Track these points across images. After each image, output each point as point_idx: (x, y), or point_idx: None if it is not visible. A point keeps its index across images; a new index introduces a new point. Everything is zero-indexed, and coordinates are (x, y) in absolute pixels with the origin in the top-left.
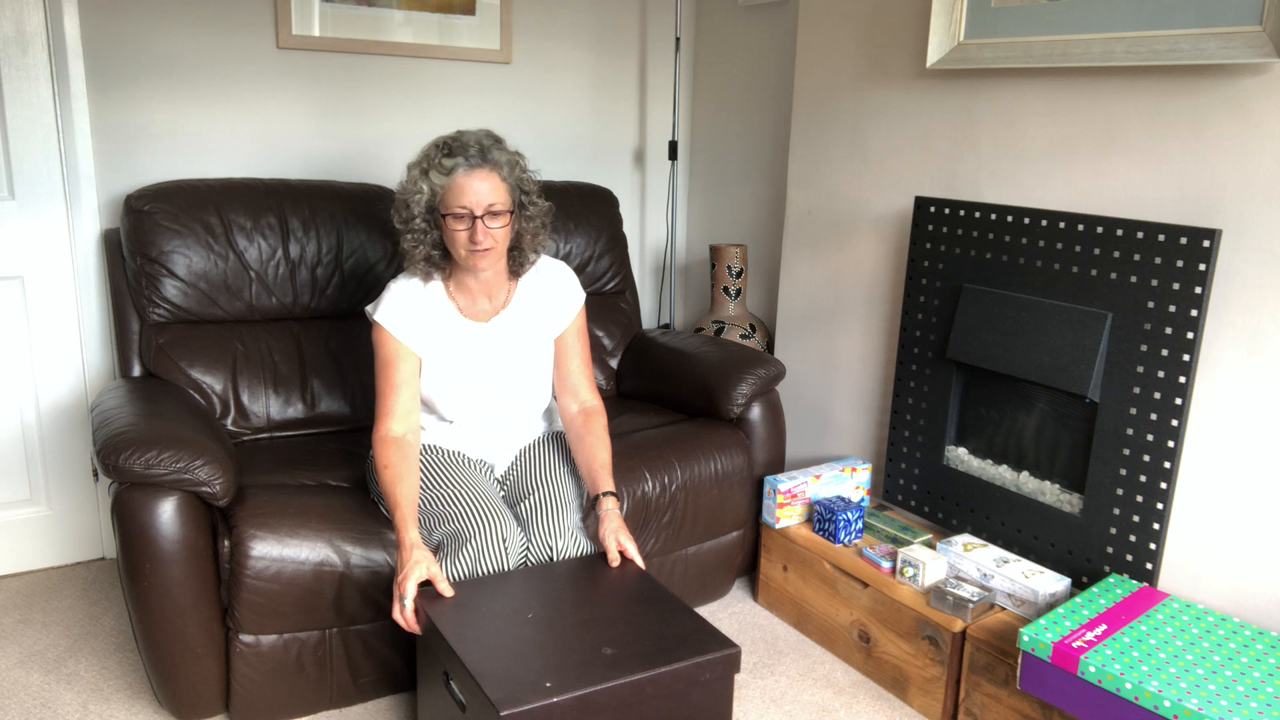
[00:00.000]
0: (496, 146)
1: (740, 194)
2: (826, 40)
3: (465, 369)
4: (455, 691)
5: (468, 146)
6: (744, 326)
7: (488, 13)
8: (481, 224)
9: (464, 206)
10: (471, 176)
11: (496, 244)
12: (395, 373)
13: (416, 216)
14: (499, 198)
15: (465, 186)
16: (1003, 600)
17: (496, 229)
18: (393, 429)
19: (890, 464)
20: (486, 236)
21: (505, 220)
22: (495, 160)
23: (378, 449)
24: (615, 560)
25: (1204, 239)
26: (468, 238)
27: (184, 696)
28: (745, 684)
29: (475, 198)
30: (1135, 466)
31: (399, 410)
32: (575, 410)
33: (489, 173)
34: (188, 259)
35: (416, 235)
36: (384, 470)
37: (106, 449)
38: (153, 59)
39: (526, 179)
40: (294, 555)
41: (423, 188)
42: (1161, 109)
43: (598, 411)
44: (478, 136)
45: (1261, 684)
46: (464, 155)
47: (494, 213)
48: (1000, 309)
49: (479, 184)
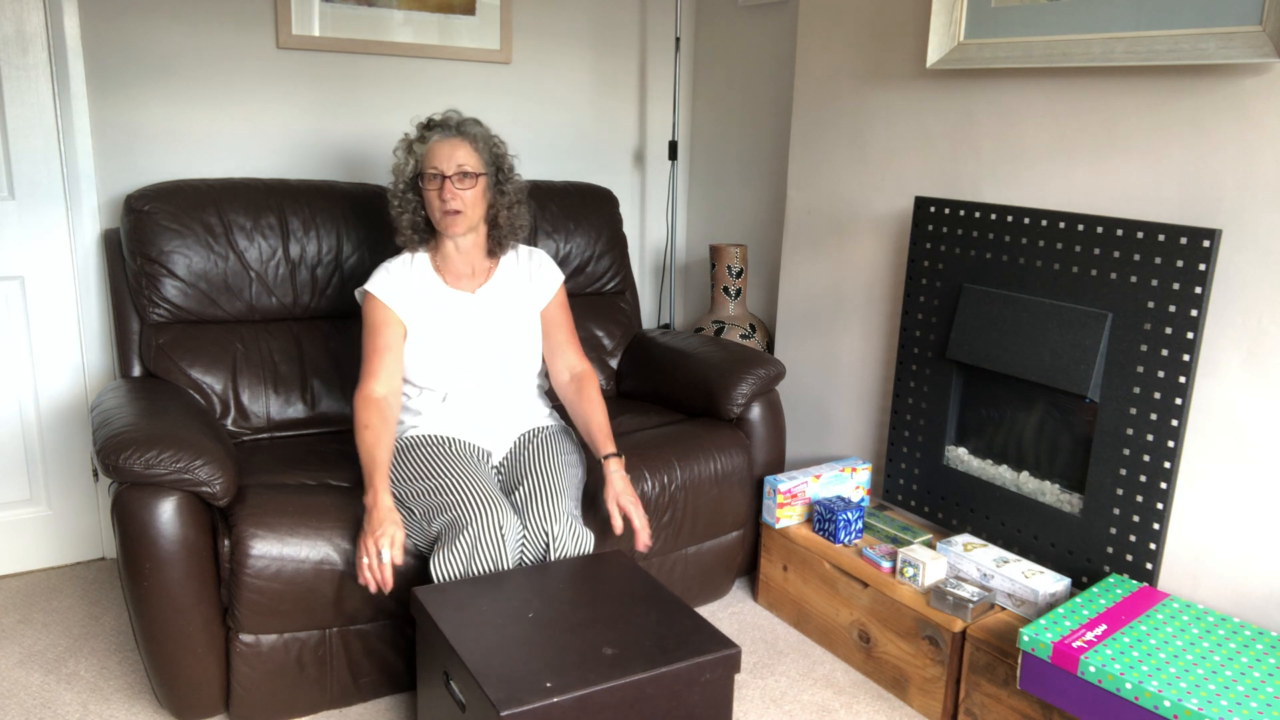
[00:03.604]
0: (473, 123)
1: (740, 194)
2: (826, 40)
3: (454, 337)
4: (455, 691)
5: (447, 121)
6: (744, 326)
7: (488, 13)
8: (450, 184)
9: (435, 168)
10: (445, 143)
11: (465, 207)
12: (380, 337)
13: (404, 188)
14: (469, 161)
15: (438, 151)
16: (1003, 600)
17: (465, 191)
18: (376, 389)
19: (890, 464)
20: (454, 198)
21: (475, 184)
22: (469, 133)
23: (360, 409)
24: (618, 527)
25: (1204, 239)
26: (439, 199)
27: (184, 696)
28: (745, 684)
29: (446, 159)
30: (1135, 466)
31: (383, 373)
32: (567, 378)
33: (461, 140)
34: (188, 259)
35: (402, 203)
36: (364, 430)
37: (106, 449)
38: (153, 59)
39: (502, 156)
40: (294, 554)
41: (408, 160)
42: (1161, 109)
43: (588, 374)
44: (457, 114)
45: (1261, 684)
46: (442, 127)
47: (463, 173)
48: (1000, 309)
49: (451, 149)
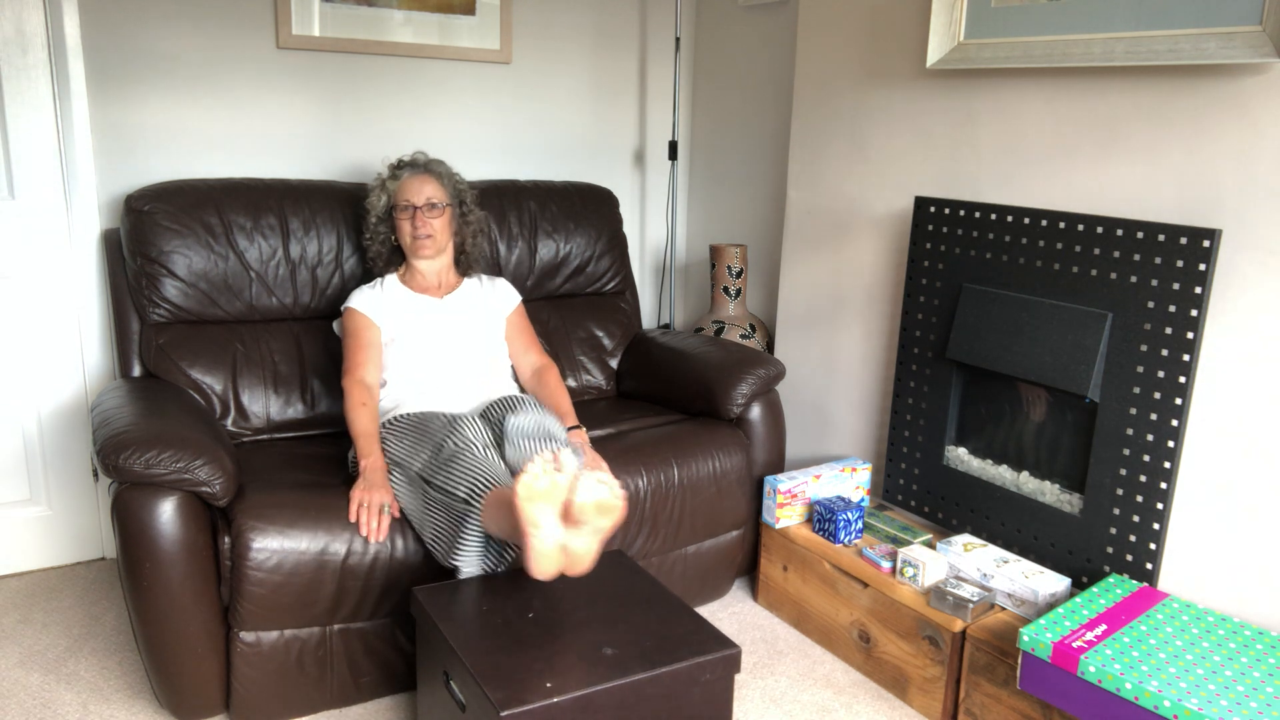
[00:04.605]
0: (438, 163)
1: (740, 194)
2: (826, 40)
3: (428, 336)
4: (455, 691)
5: (416, 160)
6: (744, 326)
7: (488, 13)
8: (421, 214)
9: (407, 200)
10: (415, 179)
11: (435, 233)
12: (362, 337)
13: (376, 221)
14: (436, 194)
15: (409, 186)
16: (1003, 600)
17: (434, 220)
18: (366, 376)
19: (890, 464)
20: (425, 225)
21: (442, 214)
22: (435, 170)
23: (354, 389)
24: None
25: (1204, 239)
26: (411, 226)
27: (184, 696)
28: (745, 684)
29: (417, 192)
30: (1135, 466)
31: (369, 364)
32: (530, 373)
33: (429, 176)
34: (188, 259)
35: (373, 234)
36: (361, 406)
37: (106, 449)
38: (153, 59)
39: (464, 191)
40: (295, 546)
41: (381, 196)
42: (1161, 109)
43: (548, 366)
44: (424, 155)
45: (1261, 684)
46: (411, 166)
47: (431, 204)
48: (1000, 309)
49: (420, 184)
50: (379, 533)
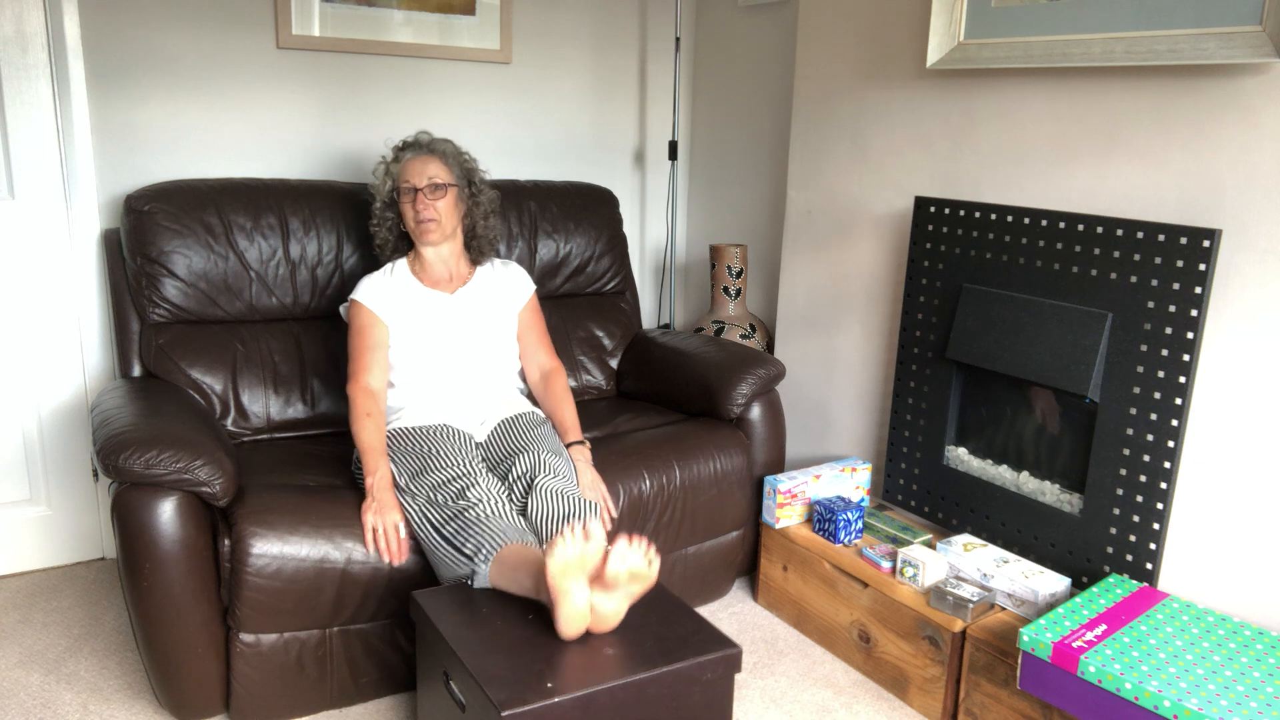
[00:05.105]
0: (443, 142)
1: (740, 194)
2: (826, 40)
3: (433, 333)
4: (455, 691)
5: (419, 140)
6: (744, 326)
7: (488, 13)
8: (423, 196)
9: (408, 182)
10: (417, 160)
11: (439, 216)
12: (368, 336)
13: (382, 206)
14: (439, 174)
15: (411, 167)
16: (1003, 600)
17: (437, 202)
18: (371, 382)
19: (890, 464)
20: (427, 208)
21: (446, 195)
22: (440, 150)
23: (359, 399)
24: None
25: (1204, 239)
26: (413, 210)
27: (184, 696)
28: (745, 684)
29: (419, 174)
30: (1135, 466)
31: (375, 368)
32: (538, 376)
33: (432, 156)
34: (188, 259)
35: (380, 220)
36: (367, 417)
37: (106, 449)
38: (153, 59)
39: (473, 170)
40: (295, 552)
41: (386, 180)
42: (1161, 109)
43: (557, 370)
44: (429, 135)
45: (1261, 684)
46: (414, 147)
47: (434, 185)
48: (1000, 309)
49: (423, 164)
50: (399, 555)
